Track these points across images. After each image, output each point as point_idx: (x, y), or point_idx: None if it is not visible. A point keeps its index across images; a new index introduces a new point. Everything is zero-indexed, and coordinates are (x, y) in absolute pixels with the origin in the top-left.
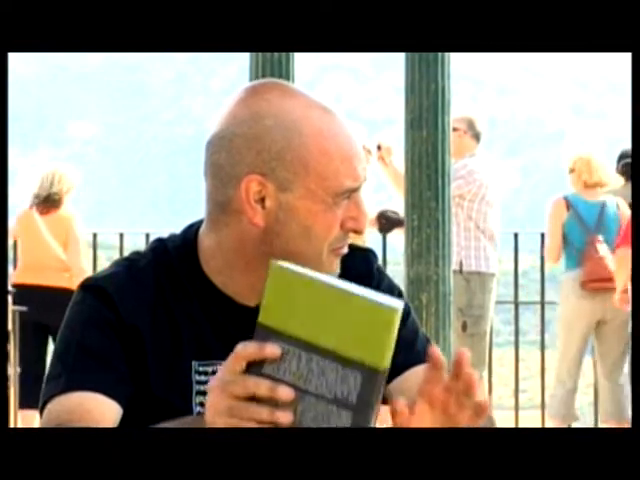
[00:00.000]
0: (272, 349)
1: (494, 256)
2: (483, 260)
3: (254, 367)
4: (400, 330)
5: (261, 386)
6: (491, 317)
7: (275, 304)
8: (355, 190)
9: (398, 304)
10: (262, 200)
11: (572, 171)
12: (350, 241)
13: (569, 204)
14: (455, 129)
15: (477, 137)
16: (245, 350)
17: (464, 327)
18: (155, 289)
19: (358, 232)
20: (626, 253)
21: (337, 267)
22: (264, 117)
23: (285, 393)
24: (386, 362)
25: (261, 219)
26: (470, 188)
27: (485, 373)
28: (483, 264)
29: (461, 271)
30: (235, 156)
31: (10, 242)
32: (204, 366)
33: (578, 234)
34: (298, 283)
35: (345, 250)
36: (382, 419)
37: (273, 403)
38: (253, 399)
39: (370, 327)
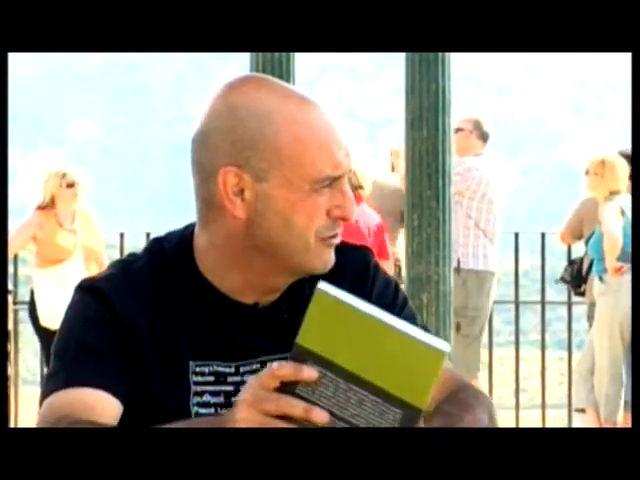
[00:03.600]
0: (310, 373)
1: (494, 255)
2: (481, 258)
3: (288, 386)
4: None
5: (296, 407)
6: (487, 318)
7: (317, 328)
8: (338, 178)
9: (446, 346)
10: (241, 192)
11: (594, 174)
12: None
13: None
14: (461, 129)
15: (483, 137)
16: (281, 370)
17: (458, 328)
18: (151, 290)
19: (345, 219)
20: None
21: (330, 258)
22: (238, 109)
23: (320, 417)
24: (428, 402)
25: (242, 212)
26: (468, 185)
27: (486, 373)
28: (481, 262)
29: (458, 270)
30: (212, 151)
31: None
32: (201, 367)
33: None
34: (344, 312)
35: (337, 240)
36: None
37: (305, 423)
38: (284, 416)
39: (416, 367)
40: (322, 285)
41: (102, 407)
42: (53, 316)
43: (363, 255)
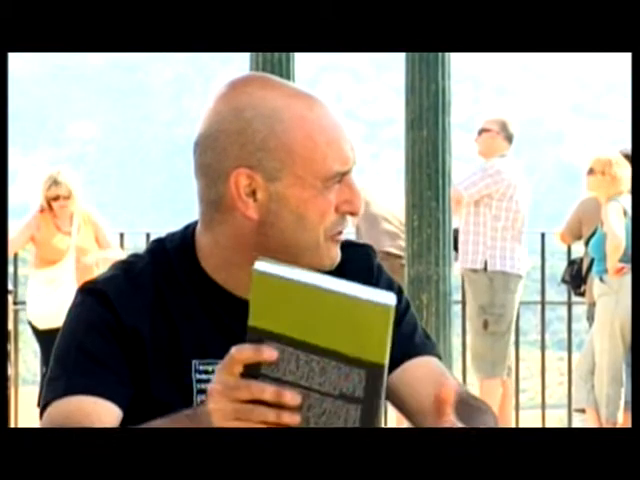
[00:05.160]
0: (269, 352)
1: (520, 257)
2: (508, 260)
3: (251, 368)
4: (399, 324)
5: (266, 391)
6: (514, 316)
7: (263, 307)
8: (346, 173)
9: (391, 299)
10: (253, 193)
11: (601, 173)
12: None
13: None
14: (487, 130)
15: (509, 139)
16: (241, 354)
17: (485, 325)
18: (154, 291)
19: (354, 214)
20: None
21: (337, 255)
22: (244, 110)
23: (292, 398)
24: (387, 357)
25: (254, 212)
26: (498, 187)
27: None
28: (508, 264)
29: (485, 270)
30: (221, 153)
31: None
32: (204, 365)
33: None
34: (284, 286)
35: (342, 236)
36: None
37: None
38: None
39: (367, 325)
40: (258, 264)
41: (98, 414)
42: (41, 316)
43: (366, 254)
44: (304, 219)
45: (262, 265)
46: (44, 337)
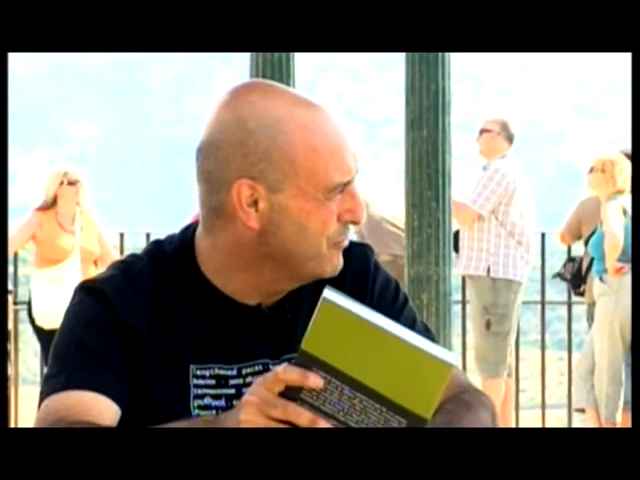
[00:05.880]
0: (315, 380)
1: (524, 264)
2: (511, 267)
3: (292, 390)
4: (397, 319)
5: (302, 417)
6: (516, 317)
7: (322, 335)
8: (348, 183)
9: (452, 359)
10: (255, 203)
11: (601, 171)
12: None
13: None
14: (488, 130)
15: (510, 139)
16: (286, 374)
17: (488, 325)
18: (152, 292)
19: (356, 223)
20: None
21: (339, 262)
22: (247, 120)
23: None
24: (432, 412)
25: (255, 222)
26: (504, 189)
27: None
28: (511, 272)
29: (487, 275)
30: (223, 162)
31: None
32: (201, 370)
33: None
34: (349, 321)
35: (346, 243)
36: None
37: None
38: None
39: (422, 378)
40: (327, 293)
41: (99, 410)
42: (47, 316)
43: (364, 252)
44: (306, 229)
45: (331, 295)
46: (48, 337)
